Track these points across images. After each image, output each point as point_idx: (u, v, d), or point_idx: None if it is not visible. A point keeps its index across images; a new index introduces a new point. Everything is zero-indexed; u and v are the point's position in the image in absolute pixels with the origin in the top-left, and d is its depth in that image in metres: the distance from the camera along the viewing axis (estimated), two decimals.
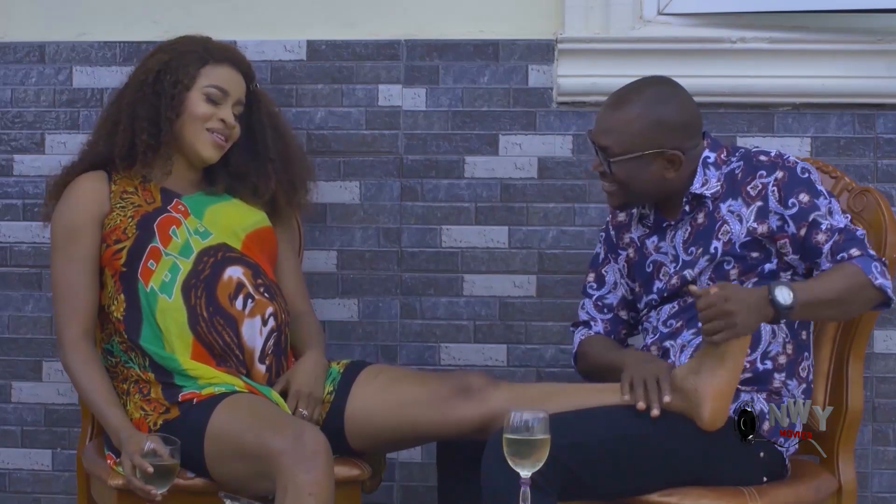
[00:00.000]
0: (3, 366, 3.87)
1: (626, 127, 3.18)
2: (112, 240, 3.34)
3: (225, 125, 3.38)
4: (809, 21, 3.67)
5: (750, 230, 3.17)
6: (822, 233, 3.14)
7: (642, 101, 3.19)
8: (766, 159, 3.20)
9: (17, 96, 3.85)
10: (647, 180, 3.21)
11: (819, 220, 3.14)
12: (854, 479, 3.32)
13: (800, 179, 3.17)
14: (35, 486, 3.88)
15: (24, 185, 3.86)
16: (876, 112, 3.69)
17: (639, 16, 3.71)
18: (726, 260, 3.19)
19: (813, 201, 3.15)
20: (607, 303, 3.41)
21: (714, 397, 3.04)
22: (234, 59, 3.44)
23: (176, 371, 3.27)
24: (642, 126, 3.17)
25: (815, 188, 3.17)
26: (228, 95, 3.39)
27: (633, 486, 3.08)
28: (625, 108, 3.19)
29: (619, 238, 3.38)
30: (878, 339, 3.69)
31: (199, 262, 3.31)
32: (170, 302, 3.29)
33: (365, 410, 3.31)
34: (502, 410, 3.02)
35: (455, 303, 3.79)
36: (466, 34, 3.77)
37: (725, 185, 3.22)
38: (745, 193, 3.19)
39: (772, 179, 3.17)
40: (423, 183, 3.79)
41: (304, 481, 3.00)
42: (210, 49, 3.42)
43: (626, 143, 3.18)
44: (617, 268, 3.40)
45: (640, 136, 3.18)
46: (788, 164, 3.19)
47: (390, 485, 3.78)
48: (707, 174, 3.23)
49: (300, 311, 3.49)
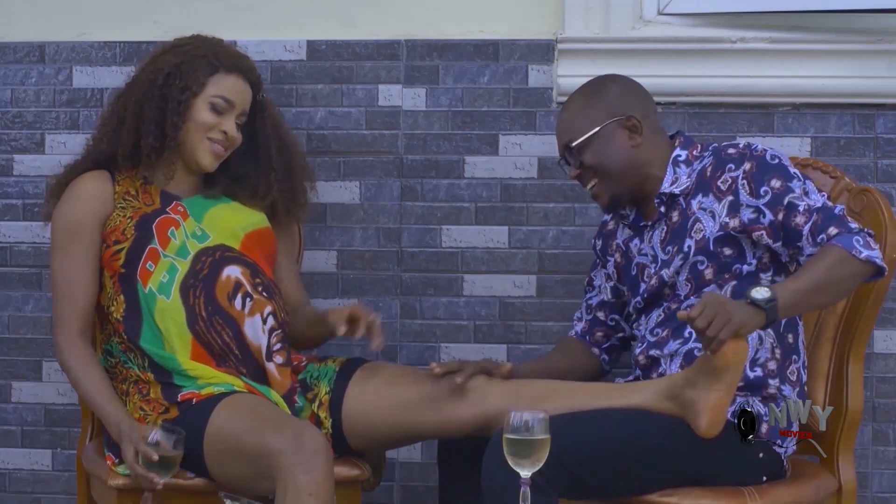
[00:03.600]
0: (3, 366, 3.87)
1: (575, 115, 3.28)
2: (111, 241, 3.34)
3: (226, 137, 3.37)
4: (809, 21, 3.67)
5: (722, 225, 3.17)
6: (800, 214, 3.11)
7: (581, 92, 3.32)
8: (734, 152, 3.20)
9: (17, 96, 3.86)
10: (617, 157, 3.24)
11: (795, 201, 3.12)
12: (854, 479, 3.32)
13: (769, 166, 3.15)
14: (35, 486, 3.88)
15: (24, 185, 3.86)
16: (876, 112, 3.70)
17: (639, 16, 3.71)
18: (700, 260, 3.18)
19: (786, 184, 3.13)
20: (590, 304, 3.48)
21: (711, 410, 3.03)
22: (244, 69, 3.42)
23: (176, 371, 3.27)
24: (587, 107, 3.27)
25: (787, 171, 3.15)
26: (234, 107, 3.38)
27: (633, 486, 3.08)
28: (568, 105, 3.32)
29: (608, 245, 3.41)
30: (878, 339, 3.69)
31: (197, 262, 3.31)
32: (168, 302, 3.29)
33: (362, 410, 3.31)
34: (500, 408, 3.03)
35: (455, 303, 3.79)
36: (466, 34, 3.77)
37: (696, 181, 3.22)
38: (716, 188, 3.19)
39: (741, 172, 3.16)
40: (423, 183, 3.79)
41: (304, 481, 3.00)
42: (221, 56, 3.40)
43: (580, 128, 3.26)
44: (604, 272, 3.44)
45: (589, 116, 3.26)
46: (757, 154, 3.17)
47: (390, 485, 3.78)
48: (678, 172, 3.24)
49: (301, 303, 3.50)
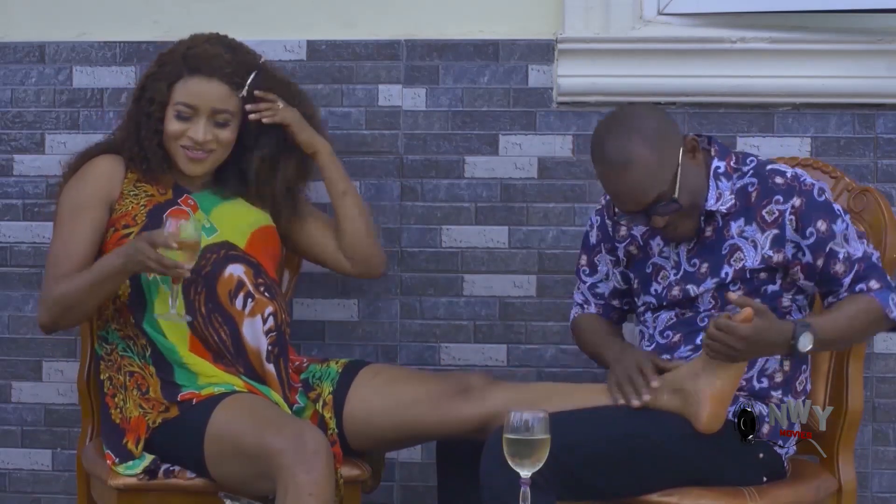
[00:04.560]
0: (3, 366, 3.87)
1: (648, 167, 3.08)
2: (121, 224, 3.34)
3: (195, 142, 3.34)
4: (809, 21, 3.67)
5: (765, 258, 3.13)
6: (839, 262, 3.11)
7: (630, 141, 3.08)
8: (782, 182, 3.14)
9: (17, 96, 3.85)
10: (698, 184, 3.14)
11: (836, 248, 3.11)
12: (854, 479, 3.31)
13: (817, 204, 3.12)
14: (35, 486, 3.88)
15: (24, 185, 3.86)
16: (876, 112, 3.69)
17: (639, 16, 3.71)
18: (732, 282, 3.16)
19: (830, 227, 3.11)
20: (599, 291, 3.40)
21: (713, 401, 3.04)
22: (210, 68, 3.35)
23: (177, 364, 3.27)
24: (654, 151, 3.08)
25: (832, 211, 3.13)
26: (199, 110, 3.34)
27: (633, 486, 3.08)
28: (630, 163, 3.08)
29: (616, 230, 3.34)
30: (878, 339, 3.68)
31: (202, 258, 3.31)
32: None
33: (364, 411, 3.31)
34: (502, 410, 3.02)
35: (455, 303, 3.79)
36: (466, 34, 3.77)
37: (738, 202, 3.16)
38: (761, 218, 3.14)
39: (789, 207, 3.12)
40: (423, 183, 3.79)
41: (305, 481, 3.00)
42: (188, 59, 3.36)
43: (664, 177, 3.09)
44: (609, 259, 3.36)
45: (663, 161, 3.09)
46: (805, 188, 3.12)
47: (390, 485, 3.78)
48: (720, 187, 3.17)
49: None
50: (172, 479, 3.22)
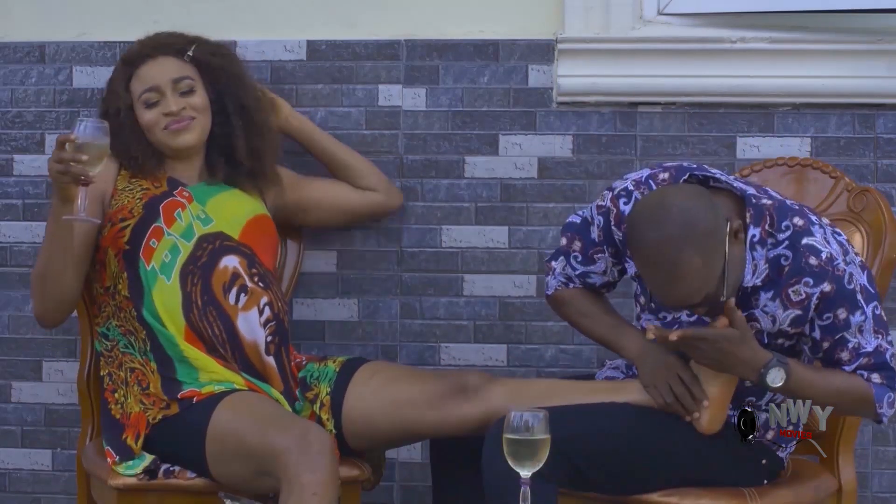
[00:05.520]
0: (3, 366, 3.87)
1: (696, 275, 2.90)
2: (118, 218, 3.36)
3: (173, 113, 3.40)
4: (809, 21, 3.67)
5: (781, 331, 3.05)
6: (846, 351, 3.02)
7: (677, 246, 2.88)
8: (816, 264, 2.96)
9: (17, 96, 3.85)
10: (739, 265, 2.98)
11: (847, 337, 3.01)
12: (854, 479, 3.31)
13: (844, 294, 2.98)
14: (35, 486, 3.88)
15: (24, 185, 3.86)
16: (876, 112, 3.69)
17: (639, 16, 3.71)
18: None
19: (848, 317, 2.99)
20: (591, 282, 3.24)
21: (713, 404, 3.04)
22: (152, 49, 3.46)
23: (176, 358, 3.27)
24: (700, 258, 2.89)
25: (856, 301, 2.99)
26: (161, 87, 3.41)
27: (633, 483, 3.08)
28: (677, 269, 2.89)
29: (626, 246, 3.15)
30: None
31: (199, 248, 3.33)
32: (168, 284, 3.30)
33: (363, 411, 3.31)
34: (502, 408, 3.03)
35: (455, 303, 3.79)
36: (466, 34, 3.77)
37: (770, 272, 3.01)
38: (786, 296, 3.00)
39: (817, 291, 2.97)
40: (423, 183, 3.79)
41: (309, 481, 3.00)
42: (130, 57, 3.47)
43: (709, 279, 2.92)
44: (611, 260, 3.21)
45: (708, 262, 2.91)
46: (838, 273, 2.97)
47: (390, 484, 3.78)
48: (755, 257, 2.99)
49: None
50: (172, 479, 3.23)
